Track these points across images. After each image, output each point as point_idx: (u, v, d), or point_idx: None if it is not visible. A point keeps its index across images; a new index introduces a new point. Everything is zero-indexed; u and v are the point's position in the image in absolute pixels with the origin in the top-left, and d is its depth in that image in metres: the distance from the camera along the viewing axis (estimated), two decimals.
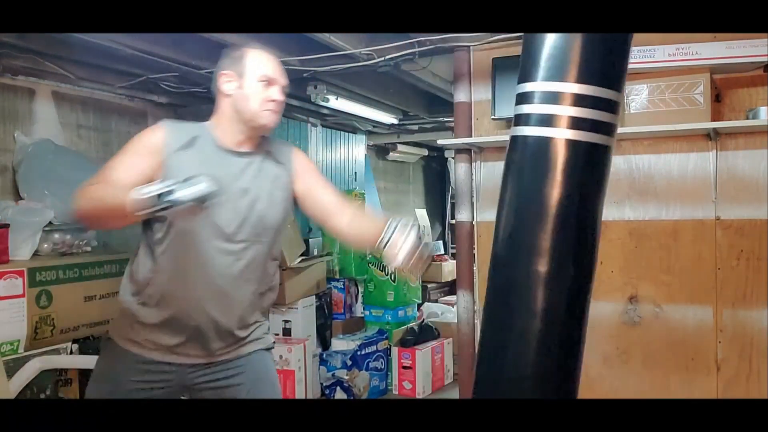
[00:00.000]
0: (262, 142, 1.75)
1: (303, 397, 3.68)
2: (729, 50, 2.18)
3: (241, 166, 1.69)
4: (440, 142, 3.09)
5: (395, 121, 4.56)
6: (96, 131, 3.34)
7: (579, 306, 1.34)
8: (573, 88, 1.32)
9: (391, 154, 6.00)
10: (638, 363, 2.47)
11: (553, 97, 1.33)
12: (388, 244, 1.55)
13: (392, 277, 4.33)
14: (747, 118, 2.27)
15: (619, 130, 2.37)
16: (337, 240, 4.30)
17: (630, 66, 2.29)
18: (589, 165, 1.36)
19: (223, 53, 1.74)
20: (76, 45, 2.57)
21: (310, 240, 4.06)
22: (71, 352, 2.68)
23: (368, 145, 5.38)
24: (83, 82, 3.12)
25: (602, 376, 2.52)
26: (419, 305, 4.77)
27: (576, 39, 1.32)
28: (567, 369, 1.32)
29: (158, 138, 1.63)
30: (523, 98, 1.37)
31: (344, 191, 4.42)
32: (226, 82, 1.69)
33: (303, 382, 3.68)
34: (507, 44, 2.61)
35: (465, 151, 2.76)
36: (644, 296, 2.47)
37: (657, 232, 2.45)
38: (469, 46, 2.70)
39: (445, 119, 4.62)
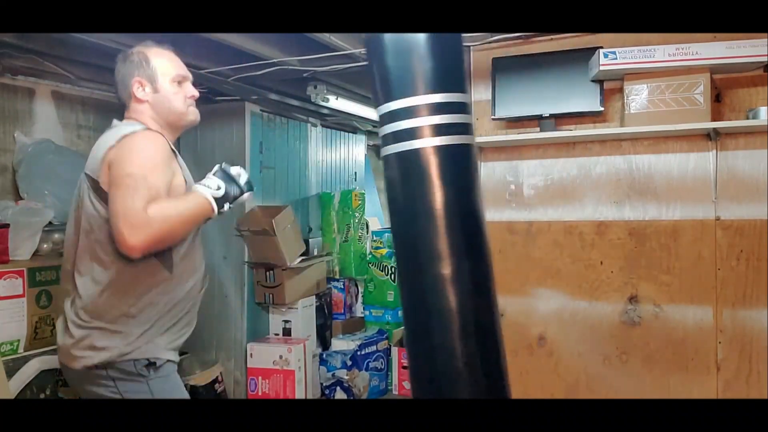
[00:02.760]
0: None
1: (303, 397, 3.68)
2: (729, 50, 2.18)
3: None
4: None
5: None
6: (96, 131, 3.34)
7: (485, 294, 1.46)
8: (426, 99, 1.45)
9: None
10: (638, 363, 2.48)
11: (412, 112, 1.46)
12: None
13: (392, 277, 4.33)
14: (747, 118, 2.27)
15: (620, 129, 2.39)
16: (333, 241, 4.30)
17: (630, 66, 2.32)
18: (458, 164, 1.49)
19: (120, 57, 1.76)
20: (76, 45, 2.57)
21: (310, 240, 4.06)
22: None
23: (368, 145, 5.37)
24: (83, 82, 3.12)
25: (602, 376, 2.53)
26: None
27: (414, 54, 1.45)
28: (490, 354, 1.44)
29: (168, 148, 1.66)
30: (384, 119, 1.52)
31: (344, 191, 4.42)
32: (139, 89, 1.72)
33: (303, 382, 3.69)
34: (507, 44, 2.61)
35: None
36: (644, 296, 2.47)
37: (657, 232, 2.46)
38: (469, 46, 2.70)
39: None
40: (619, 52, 2.28)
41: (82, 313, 1.63)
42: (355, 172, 5.01)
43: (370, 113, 4.18)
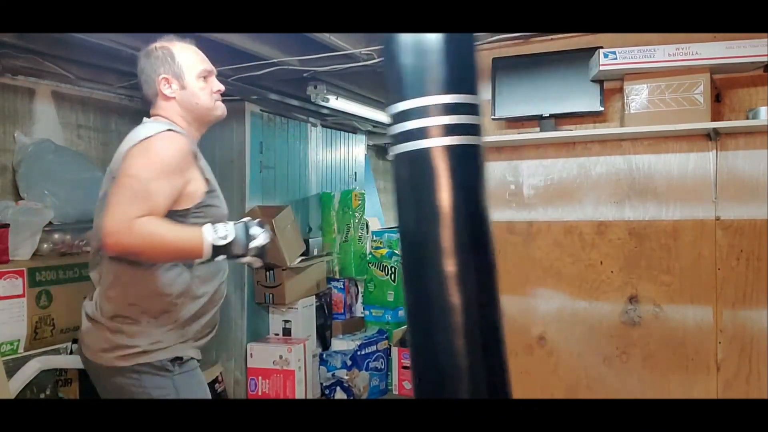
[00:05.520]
0: None
1: (303, 397, 3.68)
2: (729, 50, 2.18)
3: None
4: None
5: None
6: (96, 131, 3.34)
7: (490, 294, 1.46)
8: (438, 99, 1.46)
9: (391, 154, 5.98)
10: (638, 363, 2.48)
11: (424, 111, 1.47)
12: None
13: (392, 277, 4.33)
14: (747, 118, 2.27)
15: (620, 129, 2.39)
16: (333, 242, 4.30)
17: (630, 66, 2.32)
18: (467, 165, 1.50)
19: (143, 53, 1.74)
20: (76, 45, 2.57)
21: (310, 240, 4.06)
22: (71, 352, 2.69)
23: (368, 145, 5.38)
24: (83, 82, 3.12)
25: (602, 376, 2.53)
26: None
27: (429, 55, 1.47)
28: (493, 355, 1.44)
29: (189, 151, 1.62)
30: (397, 117, 1.53)
31: (344, 191, 4.42)
32: (166, 86, 1.69)
33: (303, 383, 3.69)
34: (507, 44, 2.61)
35: None
36: (644, 296, 2.47)
37: (657, 232, 2.45)
38: None
39: None
40: (619, 52, 2.28)
41: (105, 310, 1.62)
42: (355, 172, 5.01)
43: (370, 113, 4.19)
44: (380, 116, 4.35)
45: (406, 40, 1.49)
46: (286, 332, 3.83)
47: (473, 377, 1.42)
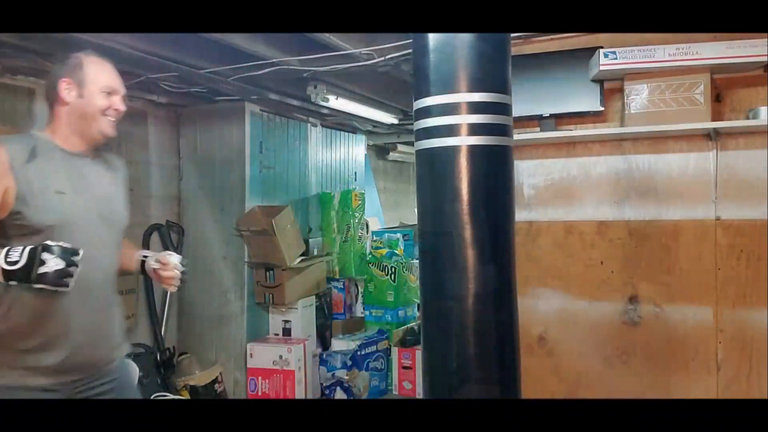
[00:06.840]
0: (99, 147, 1.77)
1: (303, 397, 3.69)
2: (729, 50, 2.19)
3: (90, 168, 1.72)
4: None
5: (395, 121, 4.56)
6: None
7: (507, 297, 1.48)
8: (466, 97, 1.43)
9: (391, 154, 6.00)
10: (638, 364, 2.48)
11: (450, 108, 1.44)
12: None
13: (392, 278, 4.33)
14: (747, 118, 2.27)
15: (620, 130, 2.39)
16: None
17: (630, 66, 2.32)
18: (493, 166, 1.48)
19: (58, 59, 1.72)
20: (75, 45, 2.56)
21: (309, 240, 4.06)
22: None
23: (368, 144, 5.38)
24: None
25: (602, 376, 2.53)
26: (419, 305, 4.72)
27: (459, 51, 1.45)
28: (504, 355, 1.47)
29: (2, 157, 1.53)
30: (421, 113, 1.47)
31: (344, 191, 4.43)
32: (66, 90, 1.65)
33: (303, 383, 3.69)
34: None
35: None
36: (644, 296, 2.47)
37: (657, 232, 2.46)
38: None
39: None
40: (619, 52, 2.29)
41: None
42: (355, 172, 5.02)
43: (370, 113, 4.19)
44: (380, 116, 4.34)
45: (436, 36, 1.45)
46: (286, 332, 3.84)
47: (483, 370, 1.42)
